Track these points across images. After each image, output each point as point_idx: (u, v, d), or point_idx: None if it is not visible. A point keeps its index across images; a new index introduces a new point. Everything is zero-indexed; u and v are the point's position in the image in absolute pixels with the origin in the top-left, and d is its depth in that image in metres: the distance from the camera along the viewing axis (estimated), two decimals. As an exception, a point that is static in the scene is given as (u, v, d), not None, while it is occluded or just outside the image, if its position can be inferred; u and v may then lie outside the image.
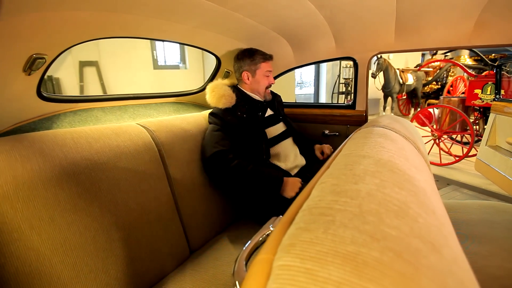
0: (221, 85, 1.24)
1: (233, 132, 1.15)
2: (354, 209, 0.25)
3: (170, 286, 0.82)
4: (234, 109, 1.19)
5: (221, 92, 1.20)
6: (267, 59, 1.25)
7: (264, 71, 1.25)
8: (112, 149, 0.82)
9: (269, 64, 1.26)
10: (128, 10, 0.82)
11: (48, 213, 0.64)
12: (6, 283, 0.57)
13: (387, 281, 0.17)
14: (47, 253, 0.62)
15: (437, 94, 6.22)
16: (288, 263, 0.19)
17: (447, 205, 1.20)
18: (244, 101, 1.24)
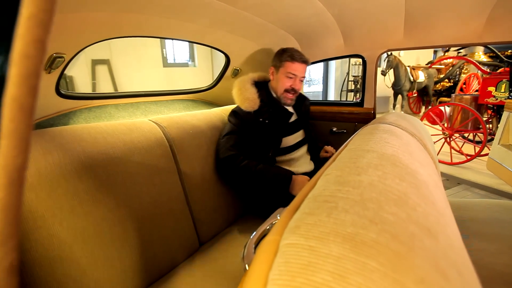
0: (248, 86, 1.20)
1: (249, 135, 1.16)
2: (356, 197, 0.27)
3: (181, 275, 0.86)
4: (256, 113, 1.17)
5: (247, 95, 1.18)
6: (294, 60, 1.14)
7: (287, 71, 1.15)
8: (126, 144, 0.86)
9: (296, 66, 1.14)
10: (141, 11, 0.85)
11: (68, 203, 0.68)
12: (31, 267, 0.62)
13: (382, 258, 0.19)
14: (68, 241, 0.66)
15: (449, 92, 6.08)
16: (294, 241, 0.22)
17: (455, 203, 1.20)
18: (269, 105, 1.19)
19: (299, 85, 1.19)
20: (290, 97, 1.20)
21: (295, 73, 1.15)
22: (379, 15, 1.08)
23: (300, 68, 1.15)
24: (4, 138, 0.15)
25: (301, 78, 1.18)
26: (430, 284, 0.19)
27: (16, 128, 0.15)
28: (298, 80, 1.17)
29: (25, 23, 0.15)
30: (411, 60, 6.71)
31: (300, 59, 1.14)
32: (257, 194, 1.18)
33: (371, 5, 1.03)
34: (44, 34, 0.15)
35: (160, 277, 0.87)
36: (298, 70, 1.15)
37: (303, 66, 1.16)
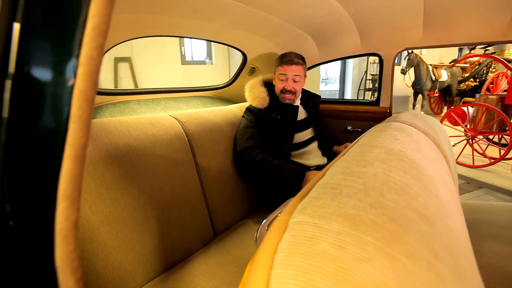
0: (257, 86, 1.28)
1: (264, 130, 1.22)
2: (360, 185, 0.30)
3: (196, 263, 0.91)
4: (267, 109, 1.25)
5: (256, 93, 1.26)
6: (283, 63, 1.22)
7: (278, 74, 1.25)
8: (148, 137, 0.92)
9: (284, 68, 1.21)
10: (164, 12, 0.91)
11: (96, 189, 0.74)
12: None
13: (377, 234, 0.22)
14: (96, 223, 0.73)
15: (475, 92, 5.80)
16: (301, 220, 0.25)
17: (472, 206, 1.17)
18: (278, 103, 1.27)
19: (293, 85, 1.23)
20: (287, 97, 1.26)
21: (285, 73, 1.22)
22: (397, 13, 1.07)
23: (289, 69, 1.21)
24: (72, 122, 0.19)
25: (293, 78, 1.22)
26: (419, 259, 0.21)
27: (82, 115, 0.19)
28: (290, 80, 1.22)
29: (90, 33, 0.19)
30: (434, 58, 6.46)
31: (289, 61, 1.20)
32: (271, 187, 1.22)
33: (388, 3, 1.02)
34: (103, 40, 0.19)
35: (176, 263, 0.92)
36: (288, 71, 1.21)
37: (292, 67, 1.21)
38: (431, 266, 0.22)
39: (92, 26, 0.19)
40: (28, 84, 0.18)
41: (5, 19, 0.17)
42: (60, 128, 0.19)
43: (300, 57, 1.24)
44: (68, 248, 0.20)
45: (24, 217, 0.19)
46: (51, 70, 0.18)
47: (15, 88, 0.18)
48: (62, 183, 0.19)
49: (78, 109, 0.19)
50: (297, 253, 0.21)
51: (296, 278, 0.18)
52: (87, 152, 0.20)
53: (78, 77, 0.19)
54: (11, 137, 0.18)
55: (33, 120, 0.18)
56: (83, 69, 0.19)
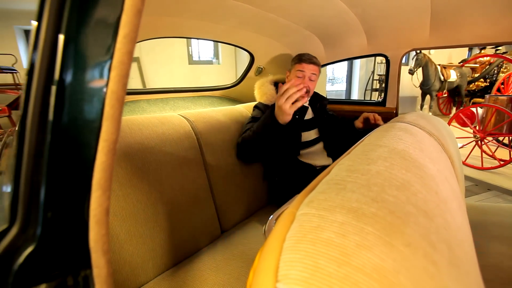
0: (266, 84, 1.31)
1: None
2: (363, 181, 0.32)
3: (204, 258, 0.93)
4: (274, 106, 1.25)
5: (265, 90, 1.29)
6: (302, 61, 1.21)
7: (296, 71, 1.23)
8: (158, 135, 0.95)
9: (303, 66, 1.21)
10: (175, 14, 0.93)
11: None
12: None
13: (378, 225, 0.24)
14: (109, 218, 0.76)
15: (485, 92, 5.70)
16: (307, 212, 0.27)
17: (479, 207, 1.17)
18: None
19: (308, 84, 1.23)
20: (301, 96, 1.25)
21: (303, 70, 1.21)
22: (403, 13, 1.08)
23: (307, 67, 1.21)
24: (106, 120, 0.21)
25: (310, 77, 1.22)
26: (416, 248, 0.23)
27: (114, 113, 0.22)
28: (307, 79, 1.22)
29: (122, 41, 0.21)
30: (443, 58, 6.37)
31: (308, 60, 1.21)
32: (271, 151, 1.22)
33: (395, 4, 1.03)
34: (132, 47, 0.22)
35: (185, 258, 0.95)
36: (306, 68, 1.21)
37: (311, 66, 1.21)
38: (428, 255, 0.24)
39: (124, 34, 0.21)
40: (69, 88, 0.20)
41: (52, 32, 0.20)
42: (95, 126, 0.21)
43: (316, 59, 1.25)
44: (101, 232, 0.22)
45: (64, 204, 0.21)
46: (89, 74, 0.21)
47: (58, 93, 0.20)
48: (96, 174, 0.22)
49: (110, 108, 0.21)
50: (303, 240, 0.23)
51: (303, 262, 0.21)
52: (117, 146, 0.22)
53: (111, 79, 0.21)
54: (54, 136, 0.20)
55: (72, 121, 0.21)
56: (115, 72, 0.21)
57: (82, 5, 0.21)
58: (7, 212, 0.23)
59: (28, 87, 0.21)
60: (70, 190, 0.21)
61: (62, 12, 0.21)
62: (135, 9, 0.21)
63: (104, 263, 0.23)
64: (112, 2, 0.21)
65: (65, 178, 0.21)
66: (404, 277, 0.20)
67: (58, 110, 0.20)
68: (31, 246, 0.21)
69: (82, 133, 0.21)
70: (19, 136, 0.21)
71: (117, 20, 0.21)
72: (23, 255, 0.21)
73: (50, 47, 0.20)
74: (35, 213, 0.21)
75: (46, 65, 0.20)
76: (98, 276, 0.23)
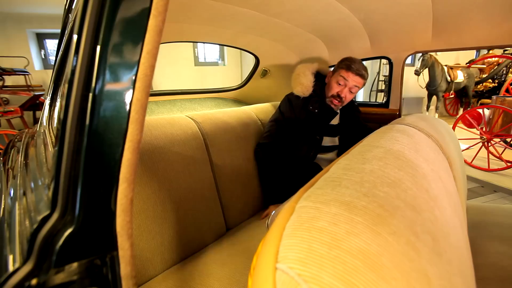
0: (307, 73, 1.23)
1: (295, 124, 1.23)
2: (357, 179, 0.35)
3: (210, 253, 0.97)
4: (306, 100, 1.22)
5: (302, 80, 1.22)
6: (349, 70, 1.13)
7: (339, 77, 1.16)
8: (167, 136, 0.99)
9: (348, 75, 1.13)
10: (184, 20, 0.98)
11: (122, 183, 0.82)
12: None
13: (367, 216, 0.27)
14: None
15: (493, 93, 5.63)
16: (305, 204, 0.30)
17: (481, 208, 1.18)
18: (320, 98, 1.22)
19: (347, 95, 1.17)
20: (336, 103, 1.20)
21: (346, 79, 1.15)
22: (405, 18, 1.10)
23: (352, 78, 1.14)
24: (131, 123, 0.25)
25: (351, 88, 1.17)
26: (399, 236, 0.26)
27: (138, 118, 0.25)
28: (347, 89, 1.16)
29: (145, 56, 0.25)
30: (450, 59, 6.31)
31: (355, 70, 1.13)
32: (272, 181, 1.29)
33: (397, 9, 1.05)
34: (154, 61, 0.26)
35: (191, 254, 0.99)
36: (350, 79, 1.14)
37: (356, 77, 1.14)
38: (410, 242, 0.27)
39: (147, 50, 0.25)
40: (102, 96, 0.24)
41: (90, 42, 0.24)
42: (123, 128, 0.25)
43: (366, 70, 1.17)
44: (126, 219, 0.26)
45: (96, 194, 0.25)
46: (119, 84, 0.25)
47: (93, 99, 0.24)
48: (123, 169, 0.25)
49: (136, 113, 0.25)
50: (300, 228, 0.26)
51: (299, 246, 0.24)
52: (140, 146, 0.26)
53: (136, 89, 0.25)
54: (90, 138, 0.24)
55: (104, 124, 0.25)
56: (140, 83, 0.25)
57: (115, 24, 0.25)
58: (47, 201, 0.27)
59: (68, 94, 0.24)
60: (101, 183, 0.25)
61: (99, 28, 0.24)
62: (157, 29, 0.25)
63: (128, 246, 0.26)
64: (139, 23, 0.24)
65: (97, 172, 0.25)
66: (386, 259, 0.23)
67: (93, 115, 0.24)
68: (69, 230, 0.25)
69: (111, 135, 0.25)
70: (60, 137, 0.25)
71: (142, 39, 0.25)
72: (62, 237, 0.25)
73: (88, 57, 0.24)
74: (72, 202, 0.25)
75: (85, 74, 0.24)
76: (123, 257, 0.26)
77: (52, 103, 0.86)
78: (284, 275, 0.22)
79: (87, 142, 0.24)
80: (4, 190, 0.56)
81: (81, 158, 0.24)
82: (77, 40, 0.25)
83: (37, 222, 0.25)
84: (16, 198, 0.43)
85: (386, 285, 0.21)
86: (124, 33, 0.24)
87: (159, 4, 0.25)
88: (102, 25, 0.24)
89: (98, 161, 0.25)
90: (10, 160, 0.83)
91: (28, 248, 0.25)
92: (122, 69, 0.25)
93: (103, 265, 0.26)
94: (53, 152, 0.29)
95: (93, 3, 0.25)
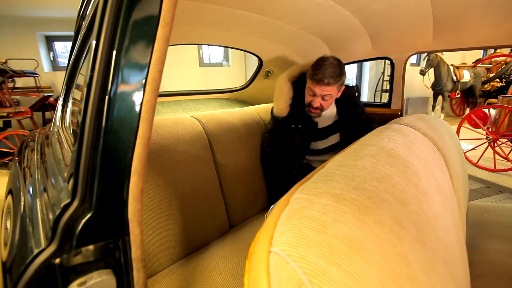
0: (284, 86, 1.17)
1: (283, 135, 1.23)
2: (348, 174, 0.37)
3: (213, 249, 1.00)
4: (286, 120, 1.18)
5: (279, 99, 1.18)
6: (312, 79, 1.06)
7: (307, 87, 1.12)
8: (172, 135, 1.03)
9: (313, 85, 1.07)
10: (188, 24, 1.01)
11: (129, 180, 0.86)
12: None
13: (354, 207, 0.30)
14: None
15: (501, 93, 5.56)
16: (299, 196, 0.33)
17: (482, 207, 1.19)
18: (299, 112, 1.17)
19: (321, 103, 1.11)
20: (313, 111, 1.14)
21: (314, 91, 1.08)
22: (405, 19, 1.12)
23: (317, 88, 1.06)
24: (142, 122, 0.28)
25: (323, 97, 1.09)
26: (383, 225, 0.29)
27: (148, 117, 0.28)
28: (319, 99, 1.09)
29: (154, 62, 0.28)
30: (456, 59, 6.24)
31: (318, 81, 1.05)
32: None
33: (397, 11, 1.07)
34: (162, 67, 0.29)
35: (195, 250, 1.02)
36: (316, 90, 1.07)
37: (322, 87, 1.05)
38: (394, 231, 0.29)
39: (156, 57, 0.28)
40: (117, 98, 0.27)
41: (107, 48, 0.27)
42: (134, 126, 0.28)
43: (336, 74, 1.05)
44: (137, 207, 0.29)
45: (111, 185, 0.28)
46: (131, 87, 0.28)
47: (109, 101, 0.27)
48: (134, 163, 0.29)
49: (146, 113, 0.28)
50: (293, 217, 0.29)
51: (291, 232, 0.27)
52: (149, 142, 0.29)
53: (146, 91, 0.28)
54: (106, 136, 0.27)
55: (118, 123, 0.28)
56: (149, 86, 0.28)
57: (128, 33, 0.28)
58: (68, 191, 0.30)
59: (87, 97, 0.28)
60: (115, 175, 0.29)
61: (115, 37, 0.28)
62: (165, 38, 0.28)
63: (139, 231, 0.29)
64: (149, 33, 0.28)
65: (112, 166, 0.28)
66: (369, 243, 0.26)
67: (108, 115, 0.27)
68: (87, 216, 0.28)
69: (124, 132, 0.28)
70: (79, 136, 0.28)
71: (152, 46, 0.28)
72: (81, 222, 0.28)
73: (105, 62, 0.27)
74: (90, 191, 0.28)
75: (102, 78, 0.27)
76: (134, 241, 0.29)
77: (65, 104, 0.91)
78: (276, 256, 0.25)
79: (103, 139, 0.27)
80: (22, 188, 0.60)
81: (98, 154, 0.27)
82: (95, 47, 0.28)
83: (59, 208, 0.28)
84: (36, 194, 0.47)
85: (366, 265, 0.24)
86: (137, 42, 0.28)
87: (167, 16, 0.28)
88: (117, 34, 0.27)
89: (113, 156, 0.28)
90: (26, 159, 0.88)
91: (52, 232, 0.28)
92: (134, 74, 0.28)
93: (116, 249, 0.29)
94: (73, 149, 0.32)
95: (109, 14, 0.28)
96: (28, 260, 0.27)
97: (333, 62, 1.06)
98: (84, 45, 0.58)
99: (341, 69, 1.08)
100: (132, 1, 0.27)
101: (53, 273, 0.26)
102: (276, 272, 0.24)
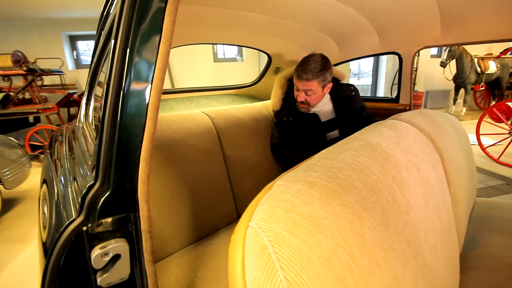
0: (280, 84, 1.31)
1: (288, 130, 1.31)
2: (327, 165, 0.43)
3: (221, 236, 1.08)
4: (279, 113, 1.32)
5: (274, 94, 1.33)
6: (295, 76, 1.15)
7: (294, 83, 1.20)
8: (184, 130, 1.10)
9: (297, 81, 1.15)
10: (198, 26, 1.08)
11: (145, 171, 0.95)
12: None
13: (323, 192, 0.35)
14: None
15: (531, 85, 5.23)
16: (279, 183, 0.39)
17: (489, 202, 1.19)
18: (290, 104, 1.27)
19: (307, 98, 1.17)
20: (301, 106, 1.22)
21: (297, 86, 1.17)
22: (411, 15, 1.12)
23: (299, 83, 1.14)
24: (148, 120, 0.35)
25: (306, 92, 1.15)
26: (347, 208, 0.34)
27: (153, 116, 0.35)
28: (302, 94, 1.16)
29: (157, 72, 0.35)
30: (482, 49, 5.91)
31: (298, 76, 1.12)
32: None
33: (401, 6, 1.07)
34: (164, 75, 0.35)
35: (205, 236, 1.10)
36: (299, 85, 1.16)
37: (302, 82, 1.13)
38: (356, 213, 0.34)
39: (158, 67, 0.35)
40: (129, 101, 0.34)
41: (123, 47, 0.34)
42: (142, 123, 0.35)
43: (317, 70, 1.10)
44: (144, 188, 0.36)
45: (125, 170, 0.36)
46: (139, 92, 0.35)
47: (123, 103, 0.34)
48: (142, 153, 0.36)
49: (151, 113, 0.35)
50: (270, 199, 0.35)
51: (265, 210, 0.33)
52: (154, 136, 0.36)
53: (151, 95, 0.35)
54: (120, 130, 0.35)
55: (130, 120, 0.35)
56: (153, 91, 0.35)
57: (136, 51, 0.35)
58: (91, 176, 0.38)
59: (105, 97, 0.35)
60: (127, 162, 0.36)
61: (129, 35, 0.34)
62: (165, 51, 0.35)
63: (146, 208, 0.36)
64: (153, 47, 0.34)
65: (125, 155, 0.35)
66: (329, 221, 0.31)
67: (122, 114, 0.34)
68: (106, 194, 0.35)
69: (134, 128, 0.35)
70: (100, 131, 0.36)
71: (155, 59, 0.35)
72: (102, 199, 0.35)
73: (121, 61, 0.34)
74: (108, 175, 0.35)
75: (118, 76, 0.34)
76: (143, 216, 0.37)
77: (88, 102, 1.01)
78: (251, 229, 0.31)
79: (118, 134, 0.34)
80: (55, 177, 0.69)
81: (114, 146, 0.35)
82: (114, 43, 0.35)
83: (85, 188, 0.36)
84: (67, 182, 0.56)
85: (322, 236, 0.29)
86: (143, 56, 0.34)
87: (166, 33, 0.34)
88: (127, 52, 0.34)
89: (126, 148, 0.35)
90: (56, 152, 0.99)
91: (80, 206, 0.36)
92: (141, 83, 0.35)
93: (128, 221, 0.36)
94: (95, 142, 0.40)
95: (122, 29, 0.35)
96: (62, 228, 0.35)
97: (316, 59, 1.12)
98: (103, 51, 0.66)
99: (324, 65, 1.12)
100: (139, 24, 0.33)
101: (81, 238, 0.34)
102: (249, 240, 0.30)
